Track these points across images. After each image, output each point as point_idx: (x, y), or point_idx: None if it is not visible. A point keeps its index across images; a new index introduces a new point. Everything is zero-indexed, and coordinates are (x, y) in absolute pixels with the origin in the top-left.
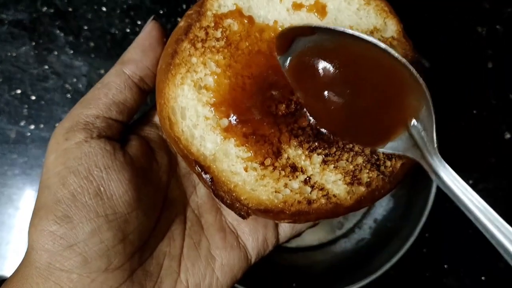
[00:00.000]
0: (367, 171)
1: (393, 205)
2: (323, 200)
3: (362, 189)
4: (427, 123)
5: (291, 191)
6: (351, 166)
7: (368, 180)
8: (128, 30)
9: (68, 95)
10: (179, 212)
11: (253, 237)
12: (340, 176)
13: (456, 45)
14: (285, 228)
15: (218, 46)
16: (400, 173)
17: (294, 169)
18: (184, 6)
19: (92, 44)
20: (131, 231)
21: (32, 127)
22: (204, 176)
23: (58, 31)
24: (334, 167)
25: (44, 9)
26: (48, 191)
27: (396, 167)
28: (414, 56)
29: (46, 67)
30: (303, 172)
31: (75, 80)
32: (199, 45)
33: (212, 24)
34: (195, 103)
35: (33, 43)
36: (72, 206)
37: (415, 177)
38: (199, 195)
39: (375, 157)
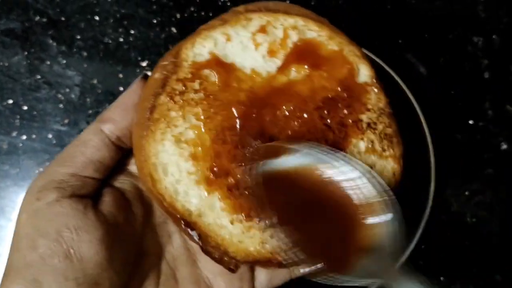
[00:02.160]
0: None
1: None
2: None
3: None
4: (384, 246)
5: (277, 241)
6: None
7: None
8: (121, 40)
9: (61, 105)
10: (153, 265)
11: None
12: None
13: (451, 55)
14: (262, 283)
15: (196, 98)
16: None
17: None
18: (178, 16)
19: (85, 53)
20: None
21: (24, 137)
22: (191, 233)
23: (50, 41)
24: None
25: (37, 18)
26: (18, 253)
27: None
28: (386, 101)
29: (39, 77)
30: None
31: (67, 90)
32: (177, 98)
33: (189, 76)
34: (177, 158)
35: (25, 53)
36: (42, 269)
37: (410, 189)
38: (175, 245)
39: None
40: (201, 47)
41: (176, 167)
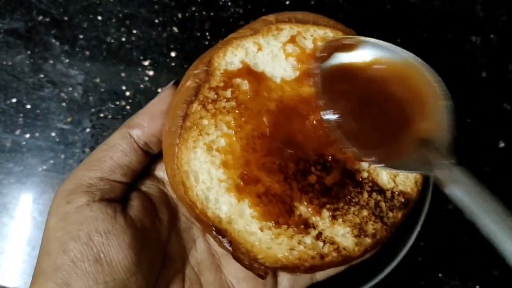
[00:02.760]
0: (372, 222)
1: None
2: (334, 254)
3: (368, 240)
4: (442, 138)
5: (304, 247)
6: (357, 219)
7: (373, 231)
8: (123, 39)
9: (64, 104)
10: (178, 270)
11: None
12: (348, 229)
13: (449, 54)
14: (285, 287)
15: (228, 106)
16: (400, 222)
17: (307, 225)
18: (180, 15)
19: (87, 53)
20: None
21: (28, 136)
22: (222, 240)
23: (53, 40)
24: (342, 220)
25: (40, 18)
26: (48, 257)
27: (397, 217)
28: None
29: (42, 76)
30: (314, 227)
31: (70, 89)
32: (209, 106)
33: (221, 84)
34: (208, 166)
35: (29, 52)
36: (72, 273)
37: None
38: (199, 250)
39: (379, 209)
40: (232, 56)
41: (207, 174)
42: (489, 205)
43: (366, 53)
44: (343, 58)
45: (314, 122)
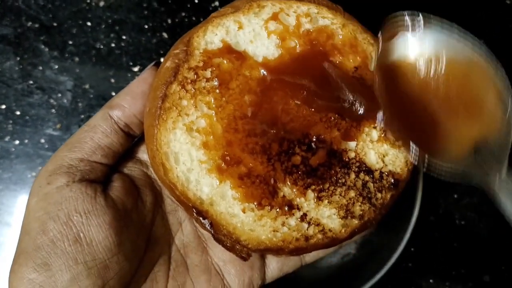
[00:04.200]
0: (360, 204)
1: None
2: (319, 236)
3: (356, 221)
4: (499, 145)
5: (288, 229)
6: (344, 200)
7: (361, 212)
8: (113, 45)
9: (53, 111)
10: (163, 252)
11: (239, 279)
12: (334, 210)
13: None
14: (273, 270)
15: (208, 86)
16: (389, 203)
17: (291, 206)
18: (169, 21)
19: (77, 59)
20: (111, 277)
21: (17, 142)
22: (203, 221)
23: (43, 46)
24: (328, 202)
25: (29, 24)
26: (28, 237)
27: (387, 199)
28: None
29: (31, 82)
30: (299, 209)
31: (60, 95)
32: (189, 87)
33: (201, 64)
34: (189, 147)
35: (18, 58)
36: (52, 253)
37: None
38: (185, 233)
39: (367, 190)
40: (212, 35)
41: (187, 156)
42: None
43: (427, 42)
44: (401, 48)
45: (298, 101)
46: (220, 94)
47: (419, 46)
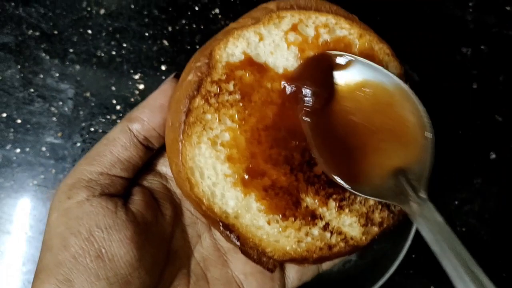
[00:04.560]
0: (379, 211)
1: None
2: (342, 244)
3: (375, 229)
4: (420, 171)
5: (312, 238)
6: (364, 208)
7: (380, 220)
8: (114, 53)
9: (54, 119)
10: (183, 265)
11: None
12: (355, 218)
13: (440, 65)
14: (293, 280)
15: (231, 99)
16: None
17: (314, 216)
18: (170, 28)
19: (78, 67)
20: None
21: (18, 150)
22: (229, 235)
23: (43, 54)
24: (349, 210)
25: (30, 32)
26: (49, 253)
27: None
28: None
29: (32, 90)
30: (321, 218)
31: (61, 103)
32: (212, 100)
33: (224, 77)
34: (213, 161)
35: (19, 66)
36: (74, 269)
37: None
38: (205, 245)
39: None
40: (234, 47)
41: (212, 170)
42: (452, 247)
43: (357, 72)
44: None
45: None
46: (243, 107)
47: (343, 79)
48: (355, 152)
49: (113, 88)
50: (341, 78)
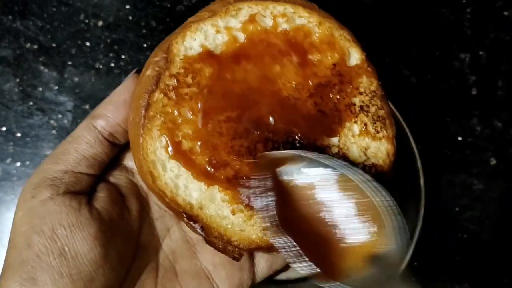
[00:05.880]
0: None
1: None
2: None
3: None
4: (391, 260)
5: None
6: None
7: None
8: (112, 65)
9: (54, 132)
10: (151, 259)
11: (229, 281)
12: None
13: (439, 72)
14: (263, 270)
15: (190, 92)
16: None
17: None
18: None
19: (76, 79)
20: None
21: (18, 164)
22: (194, 225)
23: (42, 67)
24: None
25: (28, 45)
26: (14, 251)
27: None
28: (378, 84)
29: (31, 103)
30: None
31: (60, 116)
32: (171, 94)
33: (182, 71)
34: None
35: (17, 80)
36: (37, 267)
37: (400, 206)
38: (173, 238)
39: None
40: (191, 41)
41: (174, 162)
42: None
43: (312, 171)
44: (287, 172)
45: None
46: (203, 99)
47: (308, 173)
48: (321, 242)
49: None
50: (292, 173)
